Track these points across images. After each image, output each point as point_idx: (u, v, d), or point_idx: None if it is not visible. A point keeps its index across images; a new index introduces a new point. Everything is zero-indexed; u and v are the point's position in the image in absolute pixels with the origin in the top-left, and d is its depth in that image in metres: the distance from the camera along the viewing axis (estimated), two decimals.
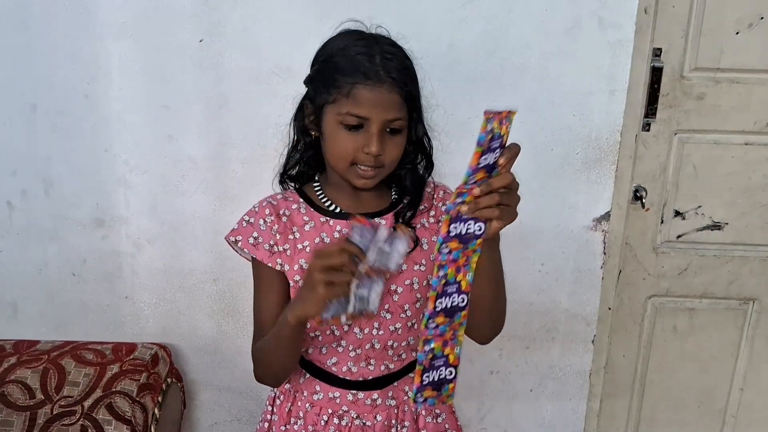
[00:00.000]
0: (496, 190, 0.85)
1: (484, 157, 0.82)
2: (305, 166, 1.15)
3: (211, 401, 1.82)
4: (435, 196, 1.16)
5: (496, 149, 0.83)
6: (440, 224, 0.88)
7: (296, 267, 1.08)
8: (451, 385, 0.95)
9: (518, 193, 0.88)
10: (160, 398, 1.58)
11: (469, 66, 1.51)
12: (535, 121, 1.55)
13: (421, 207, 1.13)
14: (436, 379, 0.93)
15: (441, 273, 0.88)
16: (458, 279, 0.90)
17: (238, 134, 1.57)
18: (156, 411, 1.56)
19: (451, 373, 0.94)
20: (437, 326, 0.90)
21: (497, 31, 1.49)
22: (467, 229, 0.87)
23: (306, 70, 1.11)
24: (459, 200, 0.85)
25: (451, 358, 0.93)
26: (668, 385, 1.85)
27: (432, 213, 1.14)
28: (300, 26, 1.48)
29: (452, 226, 0.86)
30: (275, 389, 1.23)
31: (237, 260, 1.17)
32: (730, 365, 1.83)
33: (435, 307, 0.89)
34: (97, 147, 1.59)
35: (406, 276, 1.10)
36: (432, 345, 0.91)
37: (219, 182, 1.61)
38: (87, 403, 1.50)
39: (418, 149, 1.11)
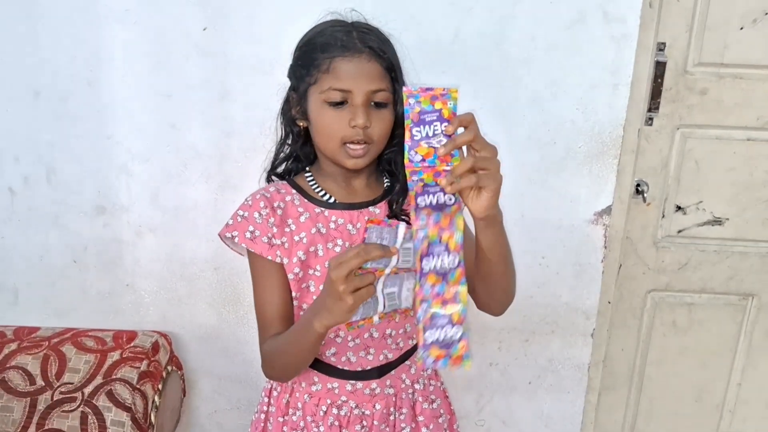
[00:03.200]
0: (460, 146, 0.83)
1: (416, 130, 0.82)
2: (294, 161, 1.15)
3: (211, 389, 1.82)
4: None
5: (433, 122, 0.83)
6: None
7: (294, 260, 1.08)
8: (461, 344, 0.89)
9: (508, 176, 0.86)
10: (160, 386, 1.58)
11: (473, 58, 1.51)
12: (538, 114, 1.55)
13: None
14: (441, 338, 0.88)
15: (421, 234, 0.86)
16: (444, 240, 0.87)
17: (241, 123, 1.57)
18: (156, 398, 1.57)
19: (456, 333, 0.88)
20: (432, 286, 0.87)
21: (502, 23, 1.49)
22: (437, 200, 0.86)
23: None
24: (415, 178, 0.84)
25: (455, 317, 0.88)
26: (666, 379, 1.86)
27: None
28: (304, 15, 1.46)
29: (419, 199, 0.85)
30: (271, 380, 1.23)
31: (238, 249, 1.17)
32: (728, 360, 1.83)
33: (422, 269, 0.86)
34: (100, 134, 1.59)
35: None
36: (430, 303, 0.87)
37: (221, 171, 1.61)
38: (87, 390, 1.51)
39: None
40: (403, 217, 1.10)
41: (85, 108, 1.57)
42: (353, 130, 1.00)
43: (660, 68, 1.55)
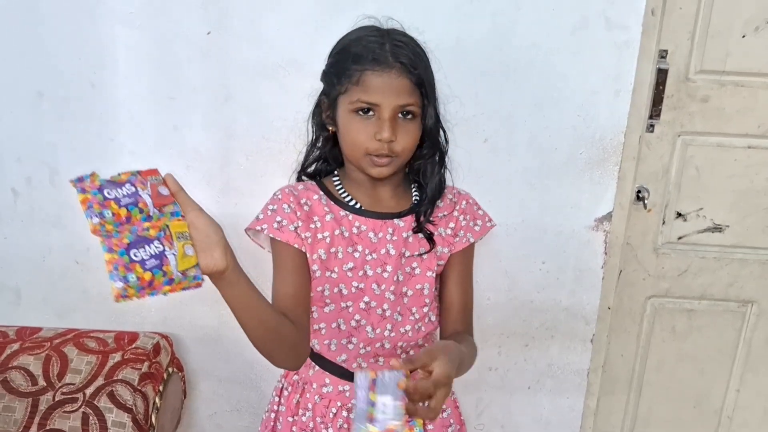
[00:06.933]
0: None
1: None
2: (323, 162, 1.15)
3: (212, 391, 1.83)
4: (457, 206, 1.15)
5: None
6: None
7: (314, 256, 1.09)
8: None
9: None
10: (161, 387, 1.59)
11: (475, 63, 1.51)
12: (539, 120, 1.55)
13: (441, 214, 1.13)
14: None
15: None
16: None
17: (243, 126, 1.57)
18: (157, 400, 1.57)
19: None
20: None
21: (504, 28, 1.49)
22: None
23: (312, 63, 1.12)
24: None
25: None
26: (665, 384, 1.86)
27: (451, 225, 1.13)
28: (307, 19, 1.49)
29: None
30: (283, 380, 1.24)
31: (239, 252, 1.16)
32: (727, 367, 1.84)
33: None
34: (102, 136, 1.60)
35: (418, 280, 1.10)
36: None
37: (223, 174, 1.61)
38: (89, 391, 1.51)
39: (433, 141, 1.09)
40: (429, 231, 1.10)
41: (88, 110, 1.58)
42: (378, 144, 1.01)
43: (661, 75, 1.55)
